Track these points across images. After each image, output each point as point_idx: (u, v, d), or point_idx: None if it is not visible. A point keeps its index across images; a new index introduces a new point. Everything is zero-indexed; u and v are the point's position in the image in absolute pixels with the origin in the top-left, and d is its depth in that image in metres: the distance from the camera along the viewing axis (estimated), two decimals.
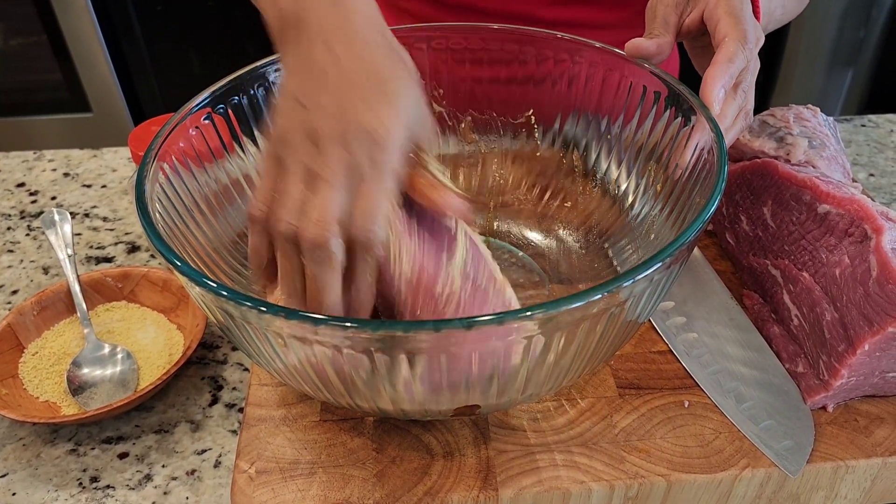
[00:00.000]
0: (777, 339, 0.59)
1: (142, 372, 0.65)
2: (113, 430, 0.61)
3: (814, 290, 0.56)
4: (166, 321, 0.69)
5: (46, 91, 1.97)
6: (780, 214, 0.61)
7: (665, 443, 0.53)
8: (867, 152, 0.97)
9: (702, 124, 0.53)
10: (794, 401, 0.55)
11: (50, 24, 1.84)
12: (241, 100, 0.59)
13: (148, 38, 1.92)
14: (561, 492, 0.50)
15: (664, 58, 0.59)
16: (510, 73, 0.68)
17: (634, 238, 0.62)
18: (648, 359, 0.59)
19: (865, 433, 0.54)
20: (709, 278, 0.66)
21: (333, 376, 0.43)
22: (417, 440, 0.53)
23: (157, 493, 0.57)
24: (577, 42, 0.64)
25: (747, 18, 0.55)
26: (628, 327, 0.46)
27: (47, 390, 0.63)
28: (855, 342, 0.51)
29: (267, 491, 0.50)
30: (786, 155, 0.64)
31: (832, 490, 0.54)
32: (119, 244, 0.82)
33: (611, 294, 0.39)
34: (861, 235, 0.53)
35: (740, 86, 0.55)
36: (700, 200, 0.51)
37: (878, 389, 0.55)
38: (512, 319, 0.38)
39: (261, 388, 0.57)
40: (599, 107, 0.65)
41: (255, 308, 0.39)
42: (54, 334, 0.68)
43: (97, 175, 0.93)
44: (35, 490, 0.57)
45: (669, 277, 0.45)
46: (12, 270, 0.79)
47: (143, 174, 0.49)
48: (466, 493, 0.50)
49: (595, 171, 0.67)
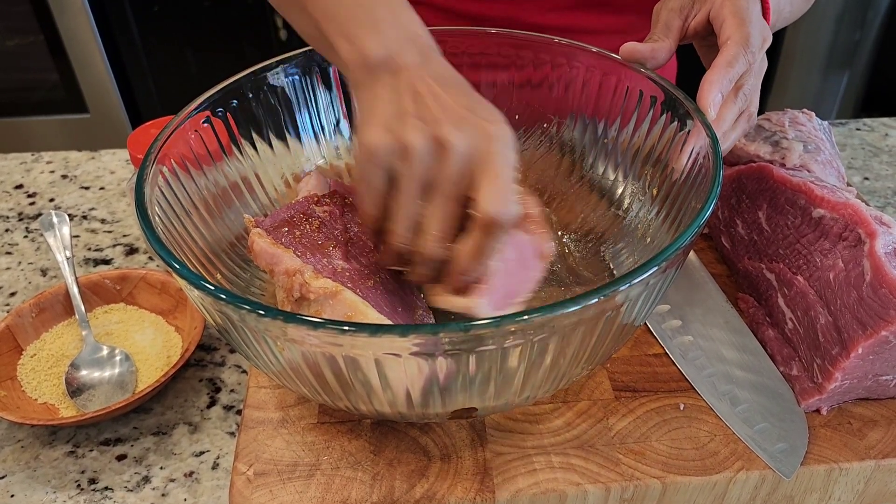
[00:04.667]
0: (772, 343, 0.60)
1: (140, 374, 0.65)
2: (111, 431, 0.62)
3: (808, 294, 0.56)
4: (164, 323, 0.69)
5: (43, 91, 1.97)
6: (774, 218, 0.61)
7: (660, 445, 0.53)
8: (862, 156, 0.98)
9: (698, 129, 0.53)
10: (788, 403, 0.56)
11: (47, 24, 1.83)
12: (240, 103, 0.60)
13: (145, 38, 1.92)
14: (557, 494, 0.50)
15: (660, 62, 0.59)
16: (507, 77, 0.68)
17: (631, 241, 0.62)
18: (644, 362, 0.59)
19: (859, 436, 0.54)
20: (704, 281, 0.66)
21: (331, 378, 0.43)
22: (415, 442, 0.53)
23: (155, 494, 0.57)
24: (574, 46, 0.64)
25: (753, 19, 0.55)
26: (624, 330, 0.47)
27: (46, 392, 0.63)
28: (849, 346, 0.52)
29: (265, 493, 0.50)
30: (781, 159, 0.65)
31: (826, 492, 0.54)
32: (117, 246, 0.82)
33: (607, 298, 0.40)
34: (855, 240, 0.53)
35: (741, 89, 0.55)
36: (696, 204, 0.52)
37: (872, 392, 0.56)
38: (509, 323, 0.38)
39: (259, 390, 0.57)
40: (596, 111, 0.66)
41: (254, 311, 0.39)
42: (53, 336, 0.68)
43: (95, 177, 0.94)
44: (33, 492, 0.57)
45: (665, 281, 0.45)
46: (10, 272, 0.79)
47: (142, 177, 0.49)
48: (463, 494, 0.50)
49: (592, 175, 0.67)
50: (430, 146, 0.43)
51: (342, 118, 0.68)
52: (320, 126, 0.67)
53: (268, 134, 0.63)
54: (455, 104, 0.44)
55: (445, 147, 0.43)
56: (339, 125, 0.68)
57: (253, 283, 0.57)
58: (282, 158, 0.65)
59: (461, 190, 0.43)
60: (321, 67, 0.65)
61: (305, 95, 0.65)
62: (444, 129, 0.43)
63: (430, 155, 0.43)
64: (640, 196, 0.62)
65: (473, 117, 0.44)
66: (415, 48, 0.47)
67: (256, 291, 0.57)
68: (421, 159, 0.43)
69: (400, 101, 0.45)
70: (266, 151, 0.64)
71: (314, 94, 0.65)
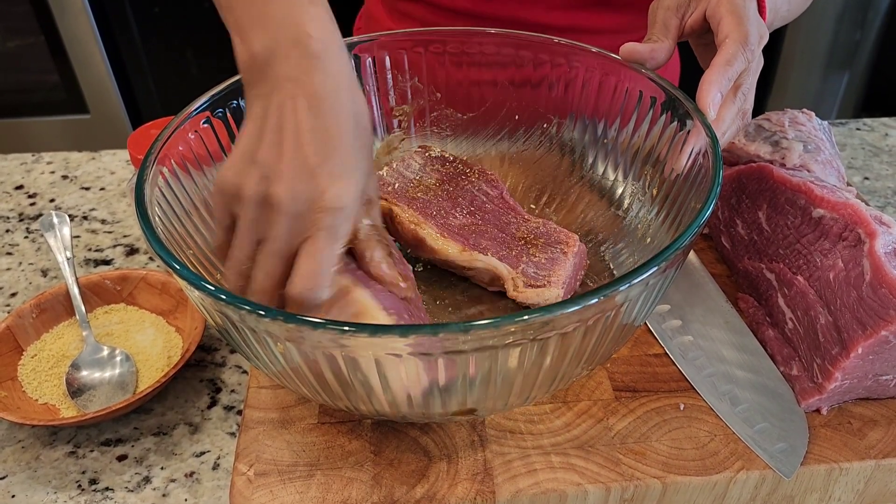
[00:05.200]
0: (772, 343, 0.60)
1: (140, 374, 0.65)
2: (112, 432, 0.62)
3: (808, 294, 0.56)
4: (165, 324, 0.69)
5: (43, 92, 1.97)
6: (774, 218, 0.61)
7: (660, 445, 0.53)
8: (862, 156, 0.98)
9: (698, 129, 0.53)
10: (788, 403, 0.56)
11: (47, 25, 1.83)
12: (240, 103, 0.60)
13: (145, 39, 1.92)
14: (557, 494, 0.50)
15: (660, 62, 0.59)
16: (507, 76, 0.68)
17: (631, 242, 0.62)
18: (644, 362, 0.59)
19: (859, 435, 0.54)
20: (704, 281, 0.66)
21: (331, 378, 0.43)
22: (415, 442, 0.53)
23: (155, 495, 0.57)
24: (574, 46, 0.64)
25: (750, 17, 0.55)
26: (624, 331, 0.47)
27: (46, 393, 0.63)
28: (848, 345, 0.52)
29: (265, 493, 0.50)
30: (781, 159, 0.65)
31: (826, 492, 0.54)
32: (118, 247, 0.82)
33: (607, 298, 0.40)
34: (855, 239, 0.53)
35: (740, 88, 0.54)
36: (696, 204, 0.52)
37: (872, 392, 0.56)
38: (509, 323, 0.38)
39: (259, 390, 0.57)
40: (596, 111, 0.66)
41: (254, 312, 0.39)
42: (53, 337, 0.68)
43: (96, 177, 0.94)
44: (34, 492, 0.57)
45: (665, 281, 0.45)
46: (11, 273, 0.79)
47: (142, 178, 0.49)
48: (464, 495, 0.50)
49: (592, 175, 0.67)
50: (261, 201, 0.43)
51: None
52: None
53: None
54: (308, 153, 0.43)
55: (274, 207, 0.42)
56: None
57: None
58: None
59: (289, 249, 0.43)
60: None
61: None
62: (279, 187, 0.42)
63: (260, 209, 0.43)
64: (640, 196, 0.62)
65: (317, 178, 0.42)
66: (298, 53, 0.43)
67: None
68: (252, 210, 0.43)
69: (261, 131, 0.43)
70: None
71: None
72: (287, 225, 0.43)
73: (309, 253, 0.43)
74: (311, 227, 0.43)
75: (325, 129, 0.43)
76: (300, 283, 0.43)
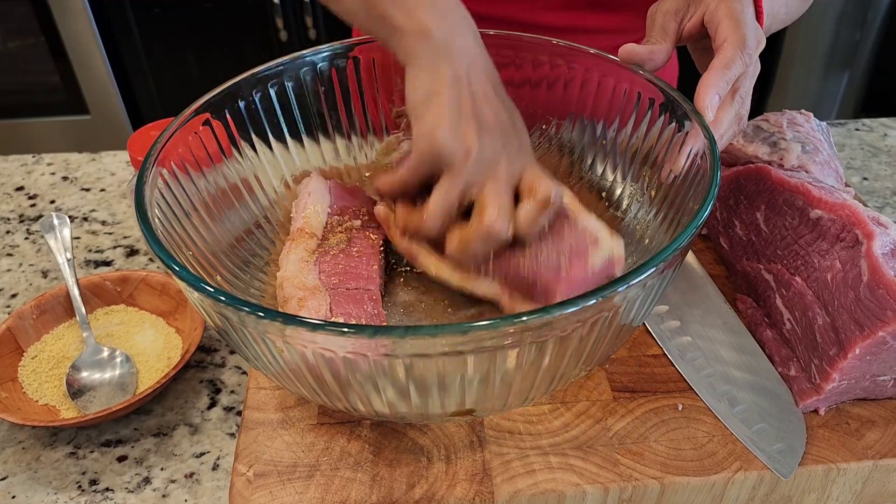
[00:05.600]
0: (770, 343, 0.60)
1: (140, 375, 0.65)
2: (112, 433, 0.62)
3: (806, 295, 0.56)
4: (165, 325, 0.70)
5: (44, 93, 1.97)
6: (773, 219, 0.62)
7: (659, 446, 0.53)
8: (861, 156, 0.98)
9: (696, 131, 0.53)
10: (786, 404, 0.56)
11: (48, 26, 1.84)
12: (240, 105, 0.60)
13: (146, 40, 1.92)
14: (556, 494, 0.50)
15: (658, 65, 0.59)
16: (506, 77, 0.68)
17: (629, 242, 0.62)
18: (643, 362, 0.59)
19: (856, 436, 0.54)
20: (703, 282, 0.67)
21: (330, 379, 0.43)
22: (414, 443, 0.53)
23: (155, 495, 0.57)
24: (573, 47, 0.64)
25: (748, 21, 0.55)
26: (623, 331, 0.47)
27: (46, 394, 0.64)
28: (846, 346, 0.52)
29: (265, 494, 0.50)
30: (779, 160, 0.65)
31: (824, 492, 0.54)
32: (118, 248, 0.82)
33: (605, 299, 0.40)
34: (852, 240, 0.54)
35: (738, 92, 0.55)
36: (694, 205, 0.52)
37: (869, 393, 0.56)
38: (507, 324, 0.38)
39: (259, 391, 0.57)
40: (595, 112, 0.66)
41: (253, 313, 0.39)
42: (53, 338, 0.68)
43: (96, 179, 0.94)
44: (34, 493, 0.57)
45: (663, 282, 0.46)
46: (11, 274, 0.79)
47: (142, 179, 0.50)
48: (462, 495, 0.50)
49: (590, 176, 0.67)
50: (486, 154, 0.49)
51: (341, 120, 0.68)
52: (320, 127, 0.67)
53: (267, 136, 0.64)
54: (502, 111, 0.51)
55: (493, 158, 0.50)
56: (339, 126, 0.68)
57: (252, 285, 0.57)
58: (282, 160, 0.65)
59: (513, 185, 0.50)
60: (321, 69, 0.65)
61: (305, 97, 0.65)
62: (496, 142, 0.50)
63: (484, 163, 0.49)
64: (639, 197, 0.62)
65: (516, 129, 0.52)
66: (470, 32, 0.52)
67: (256, 293, 0.57)
68: (477, 163, 0.49)
69: (460, 98, 0.49)
70: (266, 153, 0.64)
71: (314, 96, 0.66)
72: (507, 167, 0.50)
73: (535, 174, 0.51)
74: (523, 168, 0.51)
75: (502, 98, 0.53)
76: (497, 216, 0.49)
